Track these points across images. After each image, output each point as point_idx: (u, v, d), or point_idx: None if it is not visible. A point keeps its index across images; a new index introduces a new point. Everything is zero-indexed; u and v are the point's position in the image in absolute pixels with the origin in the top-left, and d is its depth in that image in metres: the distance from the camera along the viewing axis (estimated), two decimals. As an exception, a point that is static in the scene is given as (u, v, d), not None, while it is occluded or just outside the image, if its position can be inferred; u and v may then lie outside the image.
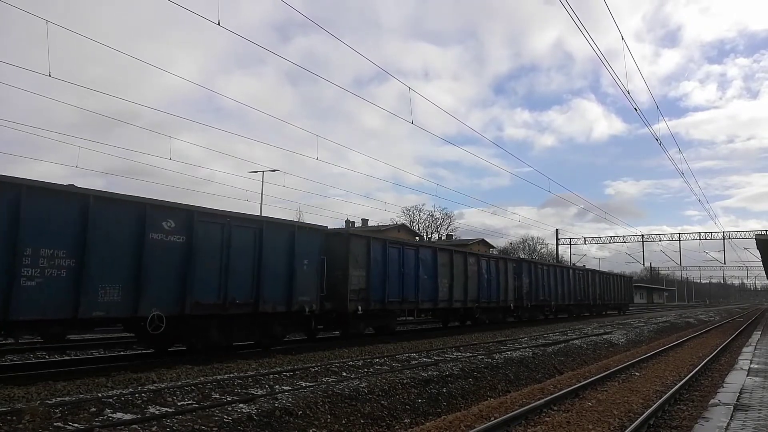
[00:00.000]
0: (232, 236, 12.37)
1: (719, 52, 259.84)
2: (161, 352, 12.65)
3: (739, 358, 14.35)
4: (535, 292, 28.51)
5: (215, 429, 6.34)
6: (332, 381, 9.22)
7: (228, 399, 7.57)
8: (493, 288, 24.17)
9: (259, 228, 13.16)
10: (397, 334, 19.04)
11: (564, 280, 32.54)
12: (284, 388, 8.47)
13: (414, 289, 18.73)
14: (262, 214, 26.53)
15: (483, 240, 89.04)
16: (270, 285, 13.22)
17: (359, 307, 16.03)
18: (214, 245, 12.04)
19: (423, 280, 19.16)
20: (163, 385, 8.22)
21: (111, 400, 7.09)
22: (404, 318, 22.74)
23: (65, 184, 9.91)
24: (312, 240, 14.74)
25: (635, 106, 18.03)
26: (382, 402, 8.53)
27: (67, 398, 7.16)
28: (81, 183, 10.78)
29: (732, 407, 7.68)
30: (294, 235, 14.09)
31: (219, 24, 11.49)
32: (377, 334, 18.22)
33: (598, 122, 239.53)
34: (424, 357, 12.78)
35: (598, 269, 49.24)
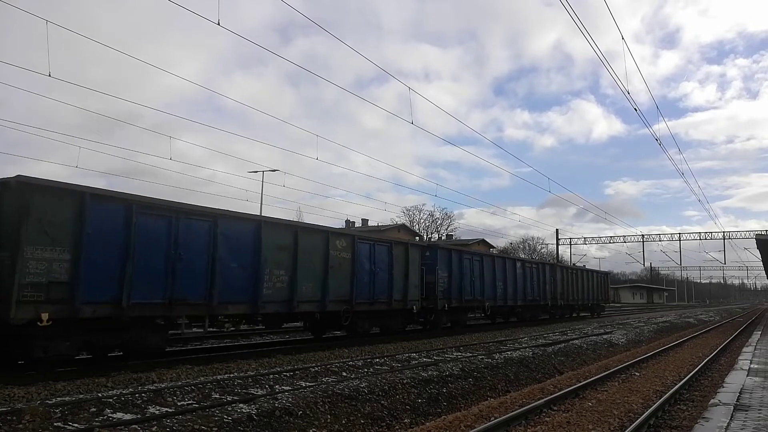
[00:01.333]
0: None
1: (719, 52, 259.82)
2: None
3: (739, 358, 14.34)
4: (459, 289, 21.48)
5: (215, 429, 6.35)
6: (332, 381, 9.22)
7: (228, 399, 7.58)
8: (381, 284, 17.11)
9: None
10: (169, 357, 12.09)
11: (508, 275, 25.73)
12: (284, 388, 8.47)
13: (204, 284, 11.77)
14: (262, 214, 26.25)
15: (483, 240, 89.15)
16: None
17: (45, 315, 9.08)
18: None
19: (229, 269, 12.30)
20: (163, 385, 8.22)
21: (111, 400, 7.09)
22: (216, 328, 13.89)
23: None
24: None
25: (635, 106, 18.04)
26: (382, 402, 8.53)
27: (67, 398, 7.16)
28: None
29: (732, 407, 7.67)
30: None
31: (219, 24, 11.50)
32: (127, 359, 11.09)
33: (598, 123, 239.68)
34: (424, 357, 12.78)
35: (558, 263, 44.06)
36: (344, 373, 10.12)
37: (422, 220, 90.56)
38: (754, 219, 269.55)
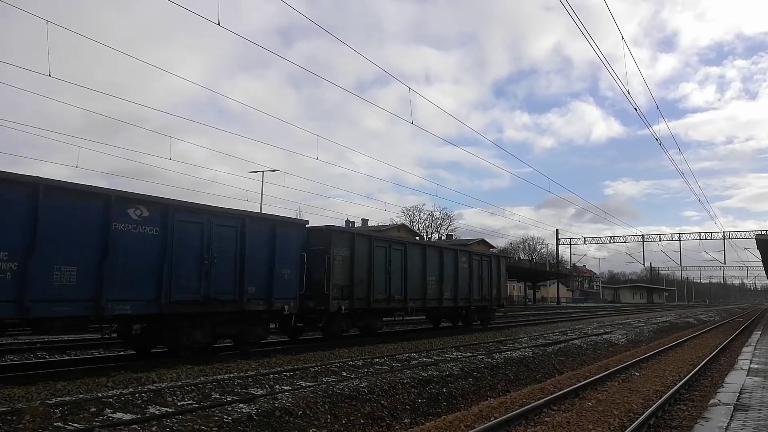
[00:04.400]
0: None
1: (717, 54, 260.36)
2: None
3: (739, 358, 14.34)
4: None
5: (215, 429, 6.34)
6: (332, 381, 9.22)
7: (228, 399, 7.57)
8: None
9: None
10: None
11: (115, 243, 10.14)
12: (284, 388, 8.47)
13: None
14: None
15: (483, 240, 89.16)
16: None
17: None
18: None
19: None
20: (163, 385, 8.21)
21: (111, 400, 7.08)
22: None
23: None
24: None
25: (635, 106, 18.04)
26: (382, 402, 8.53)
27: (67, 398, 7.16)
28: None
29: (732, 407, 7.67)
30: None
31: (219, 24, 11.51)
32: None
33: (597, 125, 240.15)
34: (424, 357, 12.77)
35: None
36: (344, 373, 10.12)
37: (422, 220, 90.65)
38: (751, 219, 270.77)
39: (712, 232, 68.17)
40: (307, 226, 15.10)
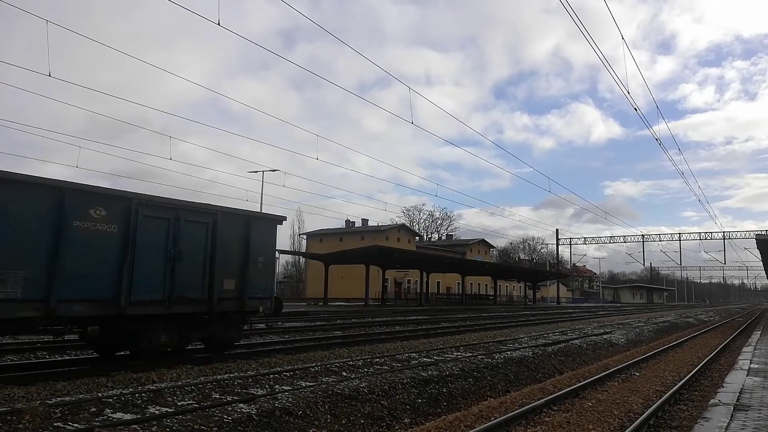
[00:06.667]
0: None
1: (716, 55, 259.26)
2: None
3: (739, 358, 14.35)
4: None
5: (215, 429, 6.34)
6: (332, 381, 9.22)
7: (228, 399, 7.57)
8: None
9: None
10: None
11: None
12: (284, 388, 8.47)
13: None
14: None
15: (483, 240, 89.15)
16: None
17: None
18: None
19: None
20: (163, 385, 8.21)
21: (111, 400, 7.08)
22: None
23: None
24: None
25: (635, 107, 18.06)
26: (382, 402, 8.53)
27: (67, 398, 7.15)
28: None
29: (732, 407, 7.67)
30: None
31: (219, 24, 11.52)
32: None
33: (596, 126, 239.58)
34: (424, 357, 12.78)
35: None
36: (344, 373, 10.12)
37: (422, 220, 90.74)
38: (750, 219, 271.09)
39: (711, 232, 68.43)
40: None
